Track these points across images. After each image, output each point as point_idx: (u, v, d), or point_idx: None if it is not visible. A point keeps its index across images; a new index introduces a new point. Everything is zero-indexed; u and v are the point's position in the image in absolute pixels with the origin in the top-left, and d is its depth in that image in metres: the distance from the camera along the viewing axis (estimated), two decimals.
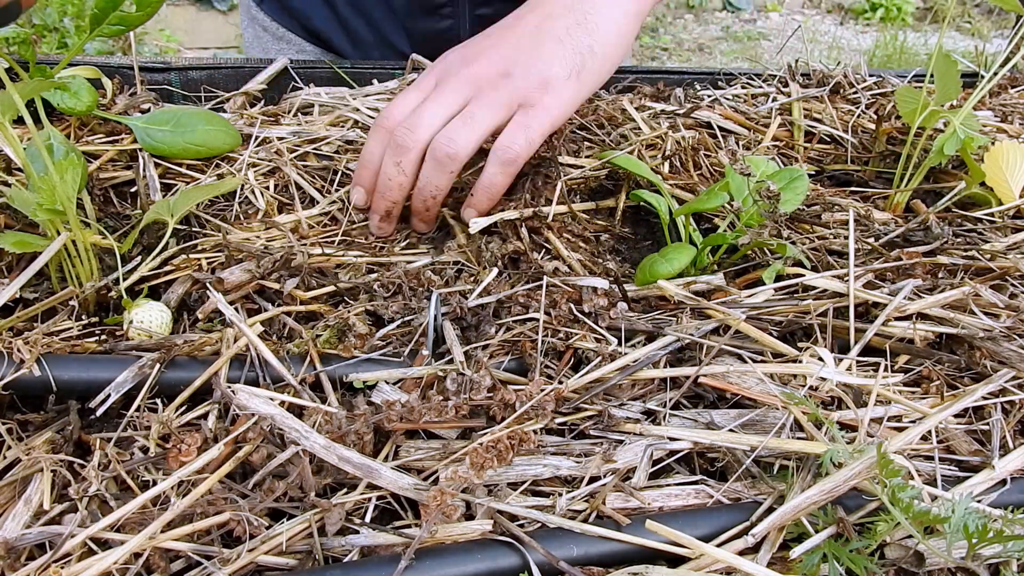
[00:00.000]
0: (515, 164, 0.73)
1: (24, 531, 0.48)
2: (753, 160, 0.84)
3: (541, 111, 0.73)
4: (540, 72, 0.73)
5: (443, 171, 0.73)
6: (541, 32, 0.75)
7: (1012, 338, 0.65)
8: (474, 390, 0.56)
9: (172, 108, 0.83)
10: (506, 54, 0.75)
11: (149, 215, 0.68)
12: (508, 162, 0.73)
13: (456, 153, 0.72)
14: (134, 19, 0.74)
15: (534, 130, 0.73)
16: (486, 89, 0.74)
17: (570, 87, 0.74)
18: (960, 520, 0.47)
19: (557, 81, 0.73)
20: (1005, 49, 1.14)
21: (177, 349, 0.58)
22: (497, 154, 0.73)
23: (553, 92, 0.73)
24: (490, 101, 0.73)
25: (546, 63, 0.74)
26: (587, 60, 0.75)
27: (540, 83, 0.73)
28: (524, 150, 0.73)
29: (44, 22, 3.44)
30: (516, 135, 0.73)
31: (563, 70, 0.74)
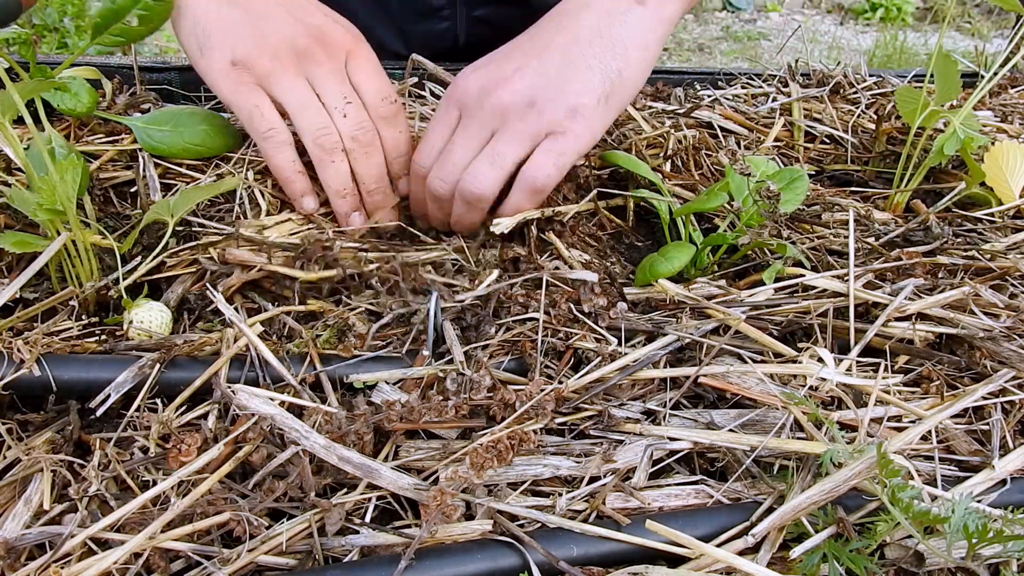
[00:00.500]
0: (543, 192, 0.73)
1: (24, 531, 0.48)
2: (753, 160, 0.84)
3: (571, 139, 0.71)
4: (568, 102, 0.72)
5: (474, 210, 0.75)
6: (569, 58, 0.73)
7: (1012, 338, 0.65)
8: (474, 390, 0.56)
9: (172, 108, 0.83)
10: (533, 82, 0.73)
11: (149, 215, 0.68)
12: (536, 190, 0.72)
13: (483, 194, 0.73)
14: (135, 33, 0.75)
15: (565, 156, 0.72)
16: (512, 121, 0.72)
17: (598, 114, 0.73)
18: (960, 520, 0.47)
19: (586, 110, 0.72)
20: (1005, 49, 1.15)
21: (177, 349, 0.58)
22: (525, 184, 0.72)
23: (582, 120, 0.72)
24: (517, 135, 0.72)
25: (575, 93, 0.72)
26: (615, 86, 0.73)
27: (568, 112, 0.71)
28: (554, 179, 0.72)
29: (44, 22, 3.44)
30: (545, 163, 0.71)
31: (592, 98, 0.72)
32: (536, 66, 0.74)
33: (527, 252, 0.74)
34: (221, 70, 0.73)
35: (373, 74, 0.78)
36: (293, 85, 0.74)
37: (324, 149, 0.74)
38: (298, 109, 0.74)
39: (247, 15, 0.73)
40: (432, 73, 1.02)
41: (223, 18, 0.73)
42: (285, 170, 0.75)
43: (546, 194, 0.74)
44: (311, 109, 0.74)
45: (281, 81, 0.73)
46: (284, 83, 0.73)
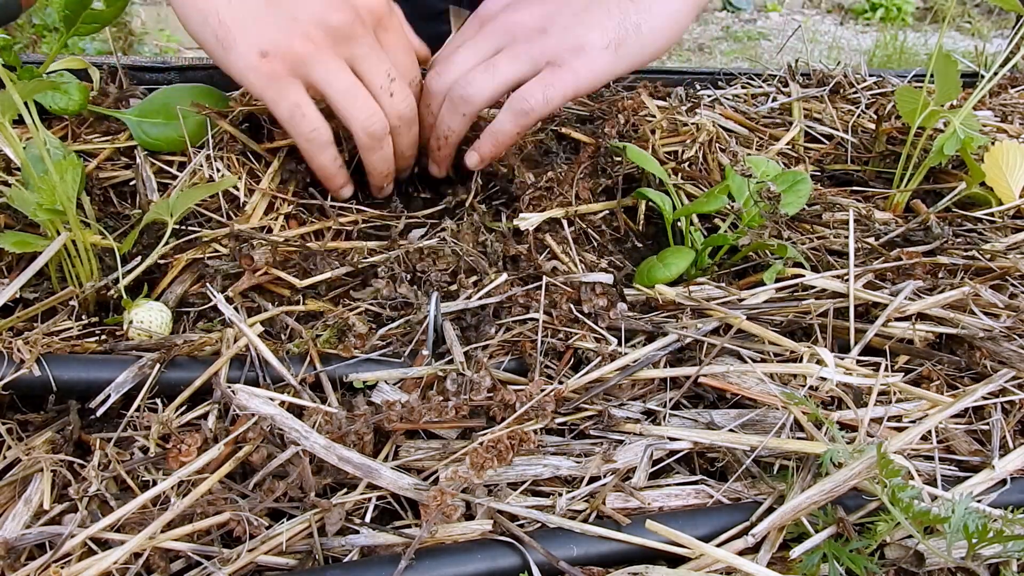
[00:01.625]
0: (527, 116, 0.73)
1: (24, 531, 0.48)
2: (753, 160, 0.84)
3: (567, 72, 0.71)
4: (578, 35, 0.72)
5: (456, 112, 0.73)
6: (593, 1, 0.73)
7: (1012, 338, 0.65)
8: (474, 391, 0.56)
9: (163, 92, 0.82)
10: (549, 11, 0.73)
11: (149, 215, 0.68)
12: (520, 113, 0.72)
13: (469, 97, 0.72)
14: (106, 15, 0.75)
15: (555, 89, 0.71)
16: (519, 40, 0.73)
17: (604, 57, 0.72)
18: (960, 520, 0.47)
19: (592, 48, 0.71)
20: (1005, 49, 1.15)
21: (177, 349, 0.58)
22: (511, 103, 0.73)
23: (585, 58, 0.71)
24: (517, 53, 0.72)
25: (586, 28, 0.72)
26: (630, 36, 0.72)
27: (574, 46, 0.71)
28: (540, 106, 0.72)
29: (44, 22, 3.43)
30: (535, 90, 0.72)
31: (602, 39, 0.72)
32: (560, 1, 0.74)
33: (527, 251, 0.74)
34: (249, 63, 0.66)
35: (404, 52, 0.74)
36: (334, 70, 0.68)
37: (374, 138, 0.72)
38: (344, 98, 0.69)
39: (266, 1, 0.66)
40: None
41: (239, 7, 0.66)
42: (327, 168, 0.74)
43: (531, 120, 0.73)
44: (358, 97, 0.70)
45: (320, 66, 0.67)
46: (324, 68, 0.68)
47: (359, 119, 0.70)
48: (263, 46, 0.65)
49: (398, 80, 0.71)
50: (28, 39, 3.40)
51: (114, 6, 0.75)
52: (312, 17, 0.66)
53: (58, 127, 0.84)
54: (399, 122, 0.73)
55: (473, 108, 0.73)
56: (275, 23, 0.66)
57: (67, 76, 0.83)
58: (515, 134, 0.75)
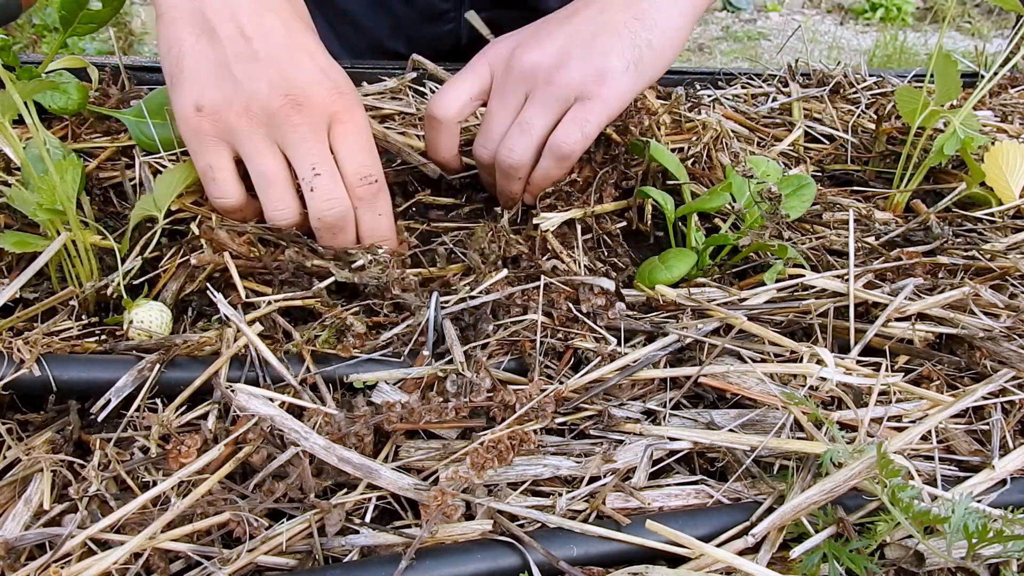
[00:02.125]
0: (570, 159, 0.75)
1: (24, 531, 0.48)
2: (754, 160, 0.84)
3: (598, 103, 0.72)
4: (597, 64, 0.73)
5: (511, 180, 0.77)
6: (598, 25, 0.74)
7: (1012, 338, 0.65)
8: (474, 391, 0.56)
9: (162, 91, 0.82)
10: (561, 45, 0.74)
11: (137, 212, 0.68)
12: (563, 157, 0.74)
13: (516, 164, 0.75)
14: (102, 15, 0.76)
15: (591, 124, 0.73)
16: (540, 85, 0.74)
17: (627, 79, 0.73)
18: (960, 520, 0.47)
19: (614, 73, 0.73)
20: (1005, 49, 1.15)
21: (176, 349, 0.58)
22: (552, 150, 0.74)
23: (610, 84, 0.72)
24: (544, 99, 0.73)
25: (603, 55, 0.73)
26: (645, 53, 0.74)
27: (597, 75, 0.72)
28: (580, 145, 0.73)
29: (44, 22, 3.44)
30: (572, 131, 0.73)
31: (620, 62, 0.73)
32: (566, 31, 0.75)
33: (528, 250, 0.74)
34: (184, 111, 0.65)
35: (356, 146, 0.68)
36: (259, 150, 0.65)
37: (279, 227, 0.68)
38: (260, 181, 0.67)
39: (224, 57, 0.64)
40: (432, 72, 1.02)
41: (198, 54, 0.64)
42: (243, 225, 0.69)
43: (574, 160, 0.75)
44: (272, 185, 0.66)
45: (246, 142, 0.65)
46: (249, 145, 0.65)
47: (267, 208, 0.67)
48: (201, 101, 0.64)
49: (325, 176, 0.66)
50: (28, 39, 3.40)
51: (110, 6, 0.75)
52: (255, 93, 0.64)
53: (58, 127, 0.84)
54: (319, 224, 0.68)
55: (523, 172, 0.76)
56: (220, 84, 0.64)
57: (66, 76, 0.83)
58: (562, 175, 0.77)
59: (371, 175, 0.69)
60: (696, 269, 0.76)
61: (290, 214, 0.68)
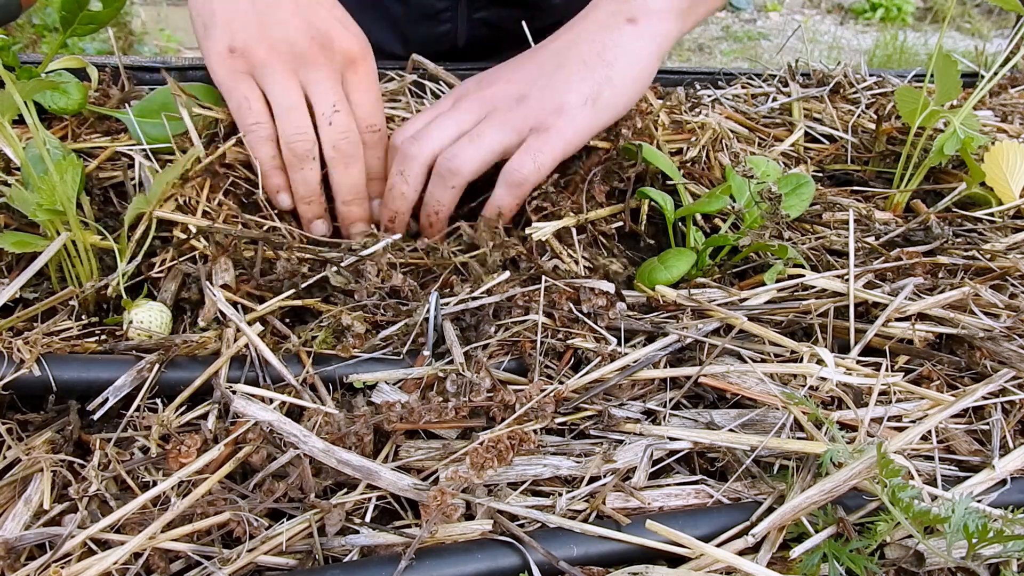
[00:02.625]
0: (522, 187, 0.74)
1: (24, 531, 0.48)
2: (754, 161, 0.84)
3: (554, 135, 0.73)
4: (555, 97, 0.74)
5: (445, 186, 0.74)
6: (561, 62, 0.76)
7: (1012, 338, 0.65)
8: (474, 392, 0.56)
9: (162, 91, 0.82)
10: (524, 77, 0.76)
11: (131, 211, 0.68)
12: (515, 184, 0.74)
13: (458, 168, 0.73)
14: (103, 16, 0.76)
15: (544, 155, 0.73)
16: (500, 110, 0.75)
17: (584, 114, 0.74)
18: (960, 520, 0.47)
19: (571, 108, 0.74)
20: (1005, 49, 1.15)
21: (176, 350, 0.58)
22: (505, 177, 0.74)
23: (567, 118, 0.73)
24: (500, 122, 0.74)
25: (562, 89, 0.74)
26: (604, 89, 0.75)
27: (554, 108, 0.73)
28: (532, 175, 0.73)
29: (44, 22, 3.44)
30: (524, 160, 0.73)
31: (578, 97, 0.74)
32: (531, 67, 0.77)
33: (527, 251, 0.74)
34: (219, 54, 0.73)
35: (366, 95, 0.77)
36: (283, 83, 0.73)
37: (295, 155, 0.74)
38: (281, 109, 0.73)
39: (254, 5, 0.73)
40: (432, 73, 1.02)
41: (230, 3, 0.73)
42: (264, 164, 0.75)
43: (526, 190, 0.75)
44: (294, 112, 0.73)
45: (272, 76, 0.73)
46: (275, 79, 0.73)
47: (287, 133, 0.73)
48: (234, 43, 0.72)
49: (343, 113, 0.74)
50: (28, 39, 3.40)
51: (111, 7, 0.75)
52: (284, 35, 0.72)
53: (58, 127, 0.84)
54: (334, 152, 0.74)
55: (462, 180, 0.74)
56: (252, 27, 0.72)
57: (66, 75, 0.83)
58: (515, 205, 0.76)
59: (376, 124, 0.78)
60: (696, 269, 0.76)
61: (308, 140, 0.73)
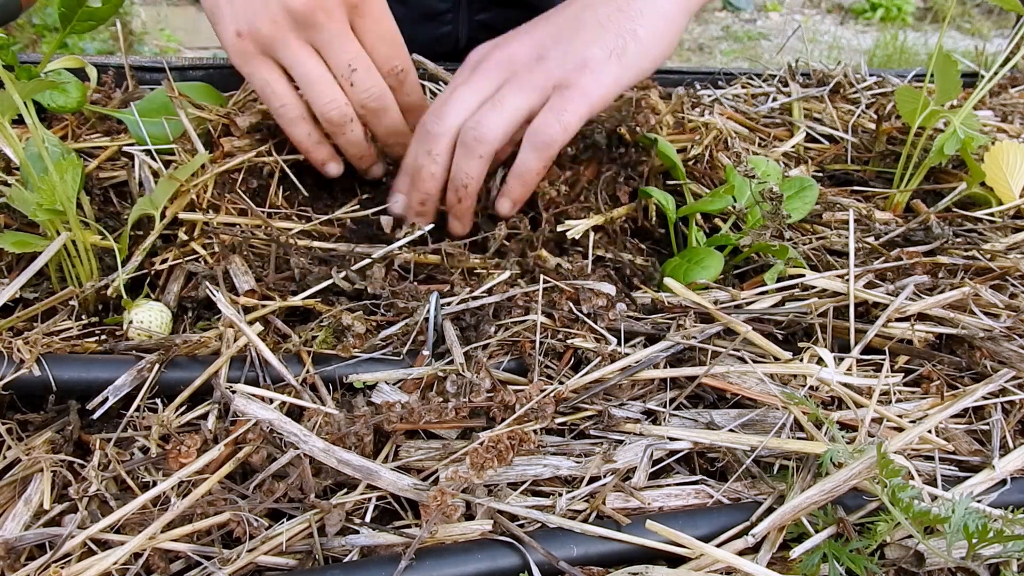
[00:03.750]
0: (550, 148, 0.71)
1: (24, 531, 0.48)
2: (754, 161, 0.84)
3: (577, 94, 0.70)
4: (577, 53, 0.71)
5: (472, 156, 0.71)
6: (580, 19, 0.73)
7: (1012, 338, 0.65)
8: (474, 392, 0.56)
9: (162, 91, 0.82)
10: (541, 39, 0.73)
11: (135, 211, 0.68)
12: (542, 146, 0.70)
13: (483, 136, 0.70)
14: (102, 13, 0.75)
15: (570, 113, 0.70)
16: (520, 72, 0.72)
17: (611, 69, 0.71)
18: (960, 520, 0.47)
19: (596, 62, 0.70)
20: (1005, 49, 1.14)
21: (176, 350, 0.58)
22: (530, 138, 0.71)
23: (591, 74, 0.70)
24: (522, 84, 0.71)
25: (584, 44, 0.71)
26: (629, 43, 0.71)
27: (577, 64, 0.70)
28: (559, 135, 0.70)
29: (44, 22, 3.43)
30: (549, 119, 0.70)
31: (602, 51, 0.70)
32: (548, 27, 0.74)
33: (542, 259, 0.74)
34: (229, 40, 0.71)
35: (379, 37, 0.73)
36: (297, 54, 0.71)
37: (333, 123, 0.73)
38: (304, 83, 0.72)
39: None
40: (432, 73, 1.02)
41: None
42: (303, 143, 0.75)
43: (554, 151, 0.71)
44: (317, 82, 0.71)
45: (285, 49, 0.71)
46: (288, 51, 0.71)
47: (317, 105, 0.72)
48: (239, 25, 0.70)
49: (360, 70, 0.72)
50: (28, 39, 3.40)
51: (110, 3, 0.75)
52: (280, 3, 0.68)
53: (58, 127, 0.84)
54: (363, 111, 0.74)
55: (489, 148, 0.70)
56: (251, 6, 0.69)
57: (65, 75, 0.83)
58: (541, 169, 0.72)
59: (398, 65, 0.75)
60: None
61: (340, 107, 0.72)
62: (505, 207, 0.75)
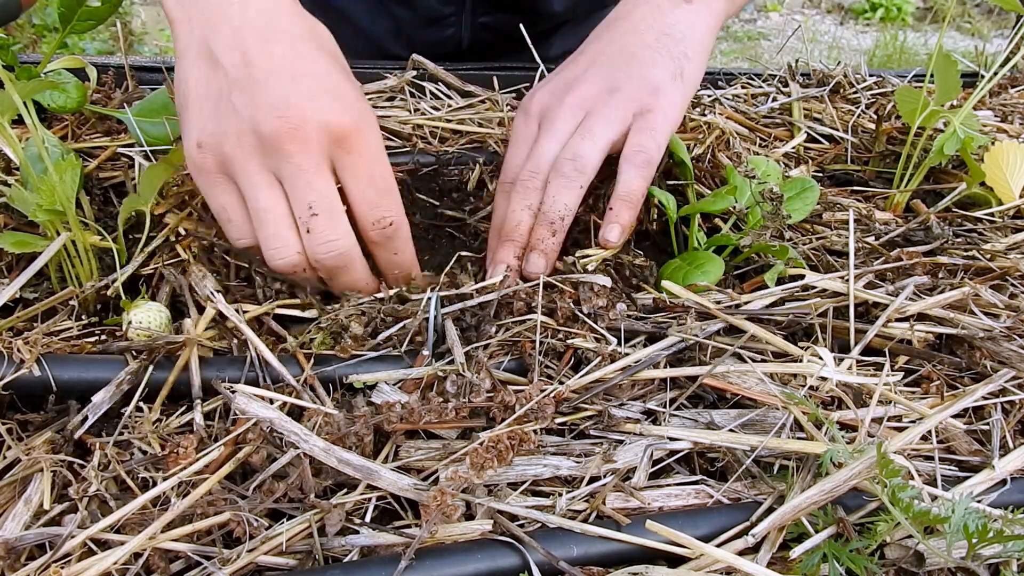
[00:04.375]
0: (650, 167, 0.72)
1: (24, 531, 0.48)
2: (754, 160, 0.84)
3: (659, 114, 0.72)
4: (646, 79, 0.73)
5: (572, 187, 0.69)
6: (632, 50, 0.74)
7: (1012, 338, 0.65)
8: (474, 392, 0.56)
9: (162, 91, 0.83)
10: (606, 72, 0.74)
11: (125, 209, 0.68)
12: (643, 164, 0.71)
13: (583, 166, 0.69)
14: (101, 12, 0.76)
15: (659, 133, 0.72)
16: (598, 107, 0.72)
17: (678, 89, 0.73)
18: (960, 520, 0.47)
19: (665, 84, 0.73)
20: (1005, 49, 1.15)
21: (161, 350, 0.58)
22: (630, 159, 0.71)
23: (665, 96, 0.72)
24: (605, 116, 0.72)
25: (649, 70, 0.73)
26: (684, 64, 0.74)
27: (651, 90, 0.72)
28: (656, 152, 0.72)
29: (44, 22, 3.44)
30: (643, 140, 0.71)
31: (666, 74, 0.73)
32: (604, 61, 0.75)
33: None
34: (190, 150, 0.61)
35: (367, 180, 0.62)
36: (252, 183, 0.60)
37: (280, 269, 0.62)
38: (255, 218, 0.61)
39: (224, 87, 0.59)
40: (432, 73, 1.02)
41: (201, 87, 0.60)
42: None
43: (653, 169, 0.72)
44: (269, 222, 0.61)
45: (241, 175, 0.60)
46: (244, 179, 0.60)
47: (265, 248, 0.62)
48: (201, 136, 0.60)
49: (322, 215, 0.60)
50: (28, 39, 3.40)
51: (109, 3, 0.76)
52: (248, 120, 0.58)
53: (58, 127, 0.84)
54: (316, 264, 0.62)
55: (588, 178, 0.69)
56: (218, 116, 0.60)
57: (65, 75, 0.83)
58: (644, 190, 0.72)
59: (385, 216, 0.63)
60: None
61: (289, 254, 0.61)
62: (614, 234, 0.70)
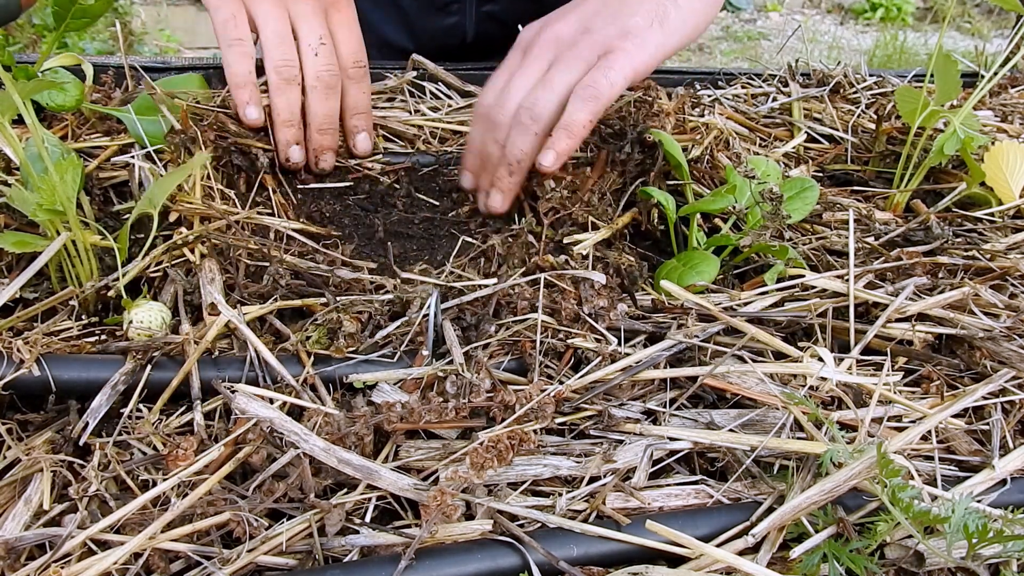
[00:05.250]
0: (597, 102, 0.73)
1: (24, 531, 0.48)
2: (754, 160, 0.84)
3: (621, 54, 0.73)
4: (619, 23, 0.75)
5: (527, 133, 0.74)
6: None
7: (1012, 338, 0.65)
8: (474, 392, 0.56)
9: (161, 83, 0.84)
10: (585, 14, 0.77)
11: (136, 211, 0.68)
12: (589, 98, 0.72)
13: (538, 115, 0.73)
14: (95, 9, 0.77)
15: (616, 71, 0.73)
16: (565, 49, 0.75)
17: (653, 35, 0.75)
18: (960, 520, 0.47)
19: (638, 29, 0.74)
20: (1005, 49, 1.15)
21: (161, 350, 0.58)
22: (577, 92, 0.73)
23: (634, 39, 0.74)
24: (568, 60, 0.74)
25: (626, 15, 0.75)
26: (670, 10, 0.75)
27: (620, 32, 0.74)
28: (607, 89, 0.73)
29: (44, 22, 3.43)
30: (596, 76, 0.73)
31: (644, 19, 0.74)
32: (591, 3, 0.78)
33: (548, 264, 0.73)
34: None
35: (351, 32, 0.82)
36: (272, 14, 0.78)
37: (282, 78, 0.78)
38: (270, 38, 0.78)
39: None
40: (432, 73, 1.02)
41: None
42: (239, 76, 0.78)
43: (600, 104, 0.73)
44: (282, 42, 0.78)
45: (263, 6, 0.78)
46: (264, 9, 0.78)
47: (274, 59, 0.78)
48: None
49: (328, 47, 0.79)
50: (28, 39, 3.40)
51: (102, 0, 0.76)
52: None
53: (58, 127, 0.84)
54: (317, 83, 0.79)
55: (543, 125, 0.74)
56: None
57: (63, 73, 0.83)
58: (588, 123, 0.73)
59: (361, 60, 0.83)
60: None
61: (292, 68, 0.78)
62: (549, 159, 0.74)
